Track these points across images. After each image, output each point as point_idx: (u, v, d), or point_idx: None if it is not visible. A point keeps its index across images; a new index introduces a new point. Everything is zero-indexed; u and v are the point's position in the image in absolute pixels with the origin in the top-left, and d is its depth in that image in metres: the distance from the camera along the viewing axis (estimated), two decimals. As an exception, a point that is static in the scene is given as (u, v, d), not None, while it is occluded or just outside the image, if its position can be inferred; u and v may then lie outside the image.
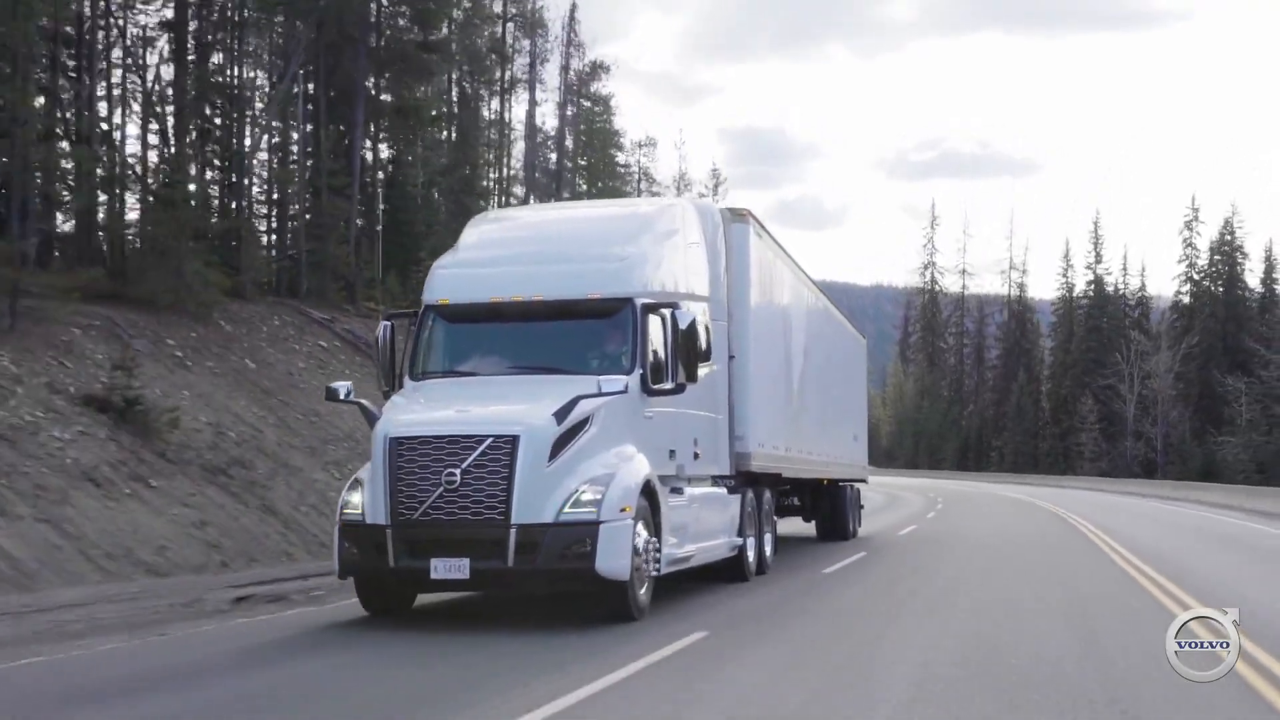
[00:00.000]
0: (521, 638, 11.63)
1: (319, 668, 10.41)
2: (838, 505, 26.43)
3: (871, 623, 12.95)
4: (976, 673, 9.71)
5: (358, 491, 12.45)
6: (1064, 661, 10.15)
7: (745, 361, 16.76)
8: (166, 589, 16.13)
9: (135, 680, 9.80)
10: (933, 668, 9.87)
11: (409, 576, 12.26)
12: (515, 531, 11.77)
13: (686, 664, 10.18)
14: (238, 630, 12.71)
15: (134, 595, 15.41)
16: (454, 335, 13.98)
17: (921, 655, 10.49)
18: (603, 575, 11.97)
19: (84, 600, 14.73)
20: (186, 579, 17.48)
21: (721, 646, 11.06)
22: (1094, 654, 10.58)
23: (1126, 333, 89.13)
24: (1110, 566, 19.13)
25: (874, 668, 10.07)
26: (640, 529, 12.52)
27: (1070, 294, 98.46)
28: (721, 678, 9.55)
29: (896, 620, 13.06)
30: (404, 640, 11.63)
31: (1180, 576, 16.84)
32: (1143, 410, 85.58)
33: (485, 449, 11.89)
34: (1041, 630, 12.09)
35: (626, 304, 13.39)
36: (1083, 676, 9.40)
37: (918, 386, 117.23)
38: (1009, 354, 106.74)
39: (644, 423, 13.26)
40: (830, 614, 13.78)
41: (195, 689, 9.41)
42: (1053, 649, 10.85)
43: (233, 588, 16.34)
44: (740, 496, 16.58)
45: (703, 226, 15.90)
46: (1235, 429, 75.88)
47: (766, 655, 10.61)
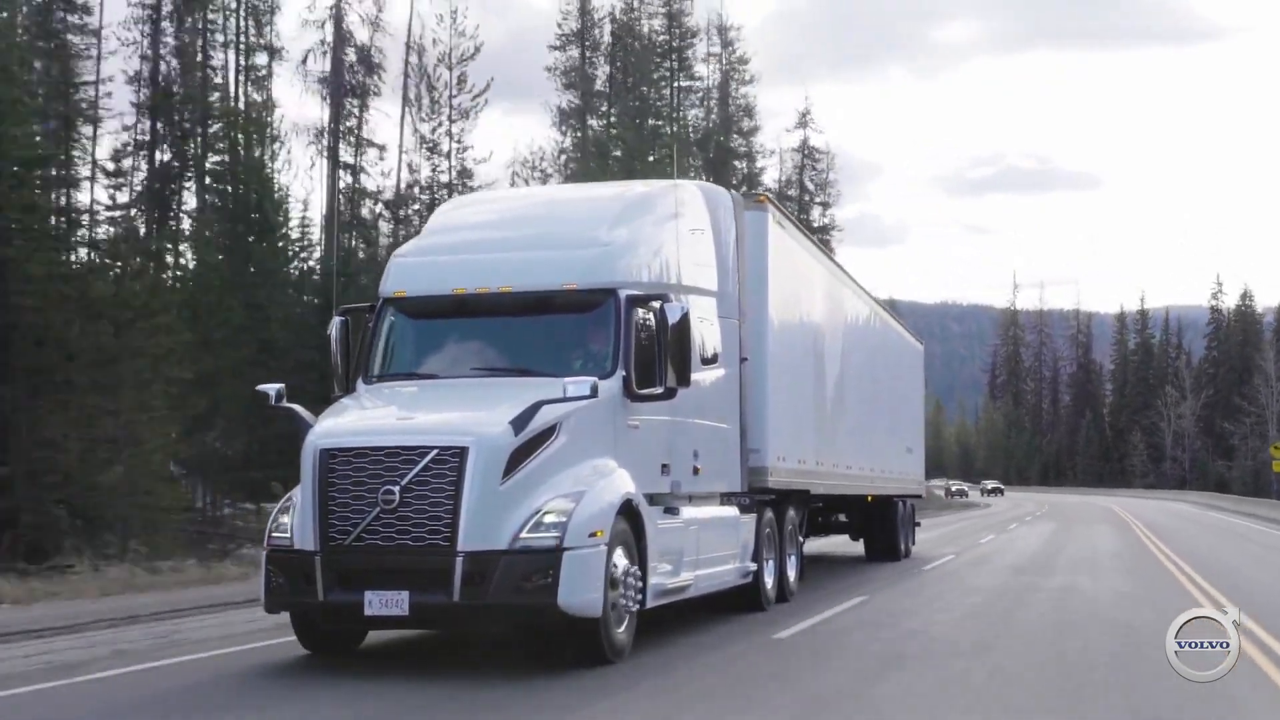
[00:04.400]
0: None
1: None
2: (888, 523, 24.49)
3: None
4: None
5: (289, 512, 10.75)
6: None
7: (761, 365, 14.90)
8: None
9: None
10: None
11: (339, 613, 10.48)
12: (462, 560, 9.97)
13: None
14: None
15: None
16: (412, 332, 12.26)
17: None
18: (567, 611, 10.12)
19: None
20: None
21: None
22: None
23: (1164, 386, 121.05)
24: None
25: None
26: (619, 556, 10.70)
27: (1125, 352, 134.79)
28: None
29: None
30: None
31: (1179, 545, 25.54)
32: (1176, 441, 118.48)
33: (429, 463, 10.12)
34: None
35: (609, 296, 11.57)
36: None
37: (1006, 420, 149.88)
38: (1077, 398, 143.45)
39: (627, 433, 11.45)
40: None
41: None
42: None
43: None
44: (756, 516, 14.70)
45: (710, 212, 14.05)
46: (1237, 456, 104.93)
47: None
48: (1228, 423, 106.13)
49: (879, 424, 23.32)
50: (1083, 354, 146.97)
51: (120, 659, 11.54)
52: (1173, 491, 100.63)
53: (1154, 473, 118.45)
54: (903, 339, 27.68)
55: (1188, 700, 8.73)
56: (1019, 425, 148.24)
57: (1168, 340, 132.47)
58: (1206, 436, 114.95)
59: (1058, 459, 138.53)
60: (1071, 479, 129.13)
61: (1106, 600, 16.78)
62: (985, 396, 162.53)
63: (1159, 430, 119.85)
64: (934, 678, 10.38)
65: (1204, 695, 8.56)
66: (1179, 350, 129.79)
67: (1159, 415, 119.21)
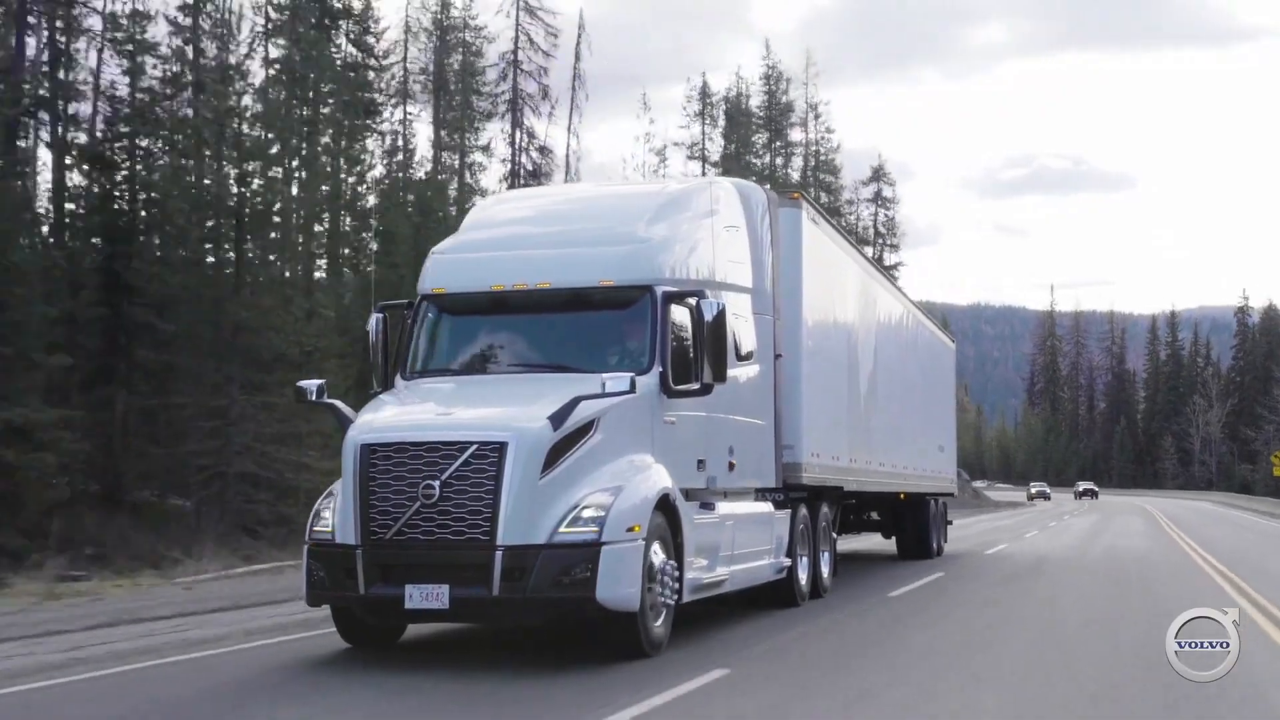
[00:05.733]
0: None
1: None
2: (920, 521, 24.46)
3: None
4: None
5: (330, 507, 10.85)
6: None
7: (796, 361, 14.94)
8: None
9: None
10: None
11: (381, 606, 10.57)
12: (501, 554, 10.06)
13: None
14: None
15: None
16: (451, 329, 12.33)
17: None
18: (605, 605, 10.21)
19: None
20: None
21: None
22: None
23: (1193, 396, 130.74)
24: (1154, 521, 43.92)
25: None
26: (655, 550, 10.76)
27: (1157, 362, 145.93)
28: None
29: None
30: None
31: (1187, 529, 36.63)
32: (1204, 446, 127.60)
33: (468, 457, 10.20)
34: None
35: (645, 293, 11.62)
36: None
37: (1044, 425, 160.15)
38: (1112, 405, 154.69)
39: (664, 428, 11.51)
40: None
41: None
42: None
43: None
44: (790, 512, 14.75)
45: (745, 209, 14.09)
46: (1260, 460, 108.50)
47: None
48: (1250, 429, 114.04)
49: (912, 421, 23.29)
50: (1117, 363, 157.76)
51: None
52: (1199, 492, 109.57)
53: (1184, 475, 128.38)
54: (935, 337, 27.64)
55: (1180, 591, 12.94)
56: (1057, 430, 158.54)
57: (1196, 351, 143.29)
58: (1232, 442, 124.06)
59: (1094, 462, 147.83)
60: (1107, 481, 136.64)
61: (1135, 551, 27.74)
62: (1024, 403, 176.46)
63: (1188, 436, 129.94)
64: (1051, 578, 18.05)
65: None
66: (1207, 361, 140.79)
67: (1188, 422, 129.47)
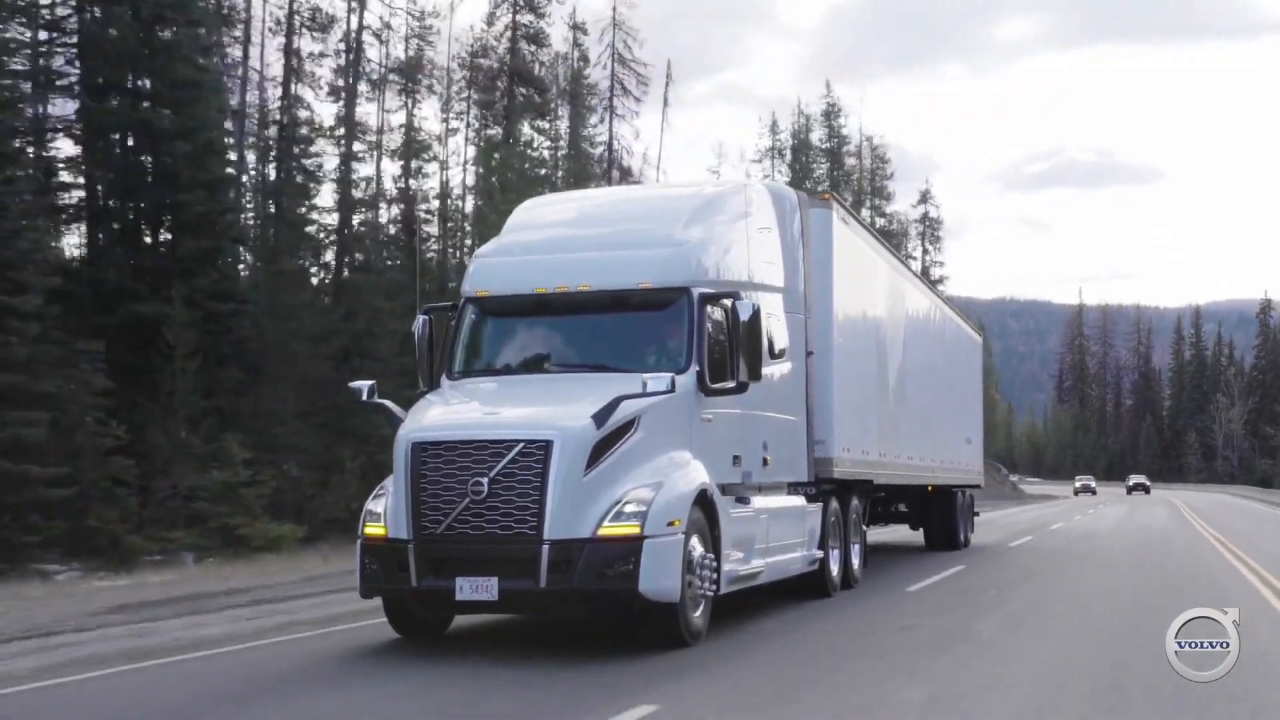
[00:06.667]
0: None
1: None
2: (947, 513, 24.80)
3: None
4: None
5: (381, 503, 11.29)
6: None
7: (827, 358, 15.31)
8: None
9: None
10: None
11: (433, 598, 11.01)
12: (548, 548, 10.47)
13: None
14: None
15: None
16: (494, 330, 12.76)
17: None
18: (648, 597, 10.62)
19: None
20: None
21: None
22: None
23: (1216, 394, 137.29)
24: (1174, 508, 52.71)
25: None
26: (694, 544, 11.16)
27: (1181, 361, 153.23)
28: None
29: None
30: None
31: (1202, 514, 45.16)
32: (1226, 442, 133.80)
33: (515, 455, 10.62)
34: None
35: (682, 294, 11.98)
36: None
37: (1073, 421, 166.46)
38: (1139, 403, 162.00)
39: (702, 426, 11.90)
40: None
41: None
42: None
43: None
44: (822, 505, 15.13)
45: (777, 210, 14.47)
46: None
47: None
48: (1270, 426, 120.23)
49: (939, 415, 23.61)
50: (1143, 363, 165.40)
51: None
52: (1220, 485, 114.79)
53: (1207, 470, 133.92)
54: (962, 331, 27.92)
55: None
56: (1085, 426, 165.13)
57: (1220, 350, 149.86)
58: (1253, 438, 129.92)
59: (1121, 457, 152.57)
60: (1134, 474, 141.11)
61: (1159, 526, 37.74)
62: (1053, 399, 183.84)
63: (1211, 432, 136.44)
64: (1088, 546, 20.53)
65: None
66: (1230, 360, 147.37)
67: (1211, 419, 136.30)
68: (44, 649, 11.86)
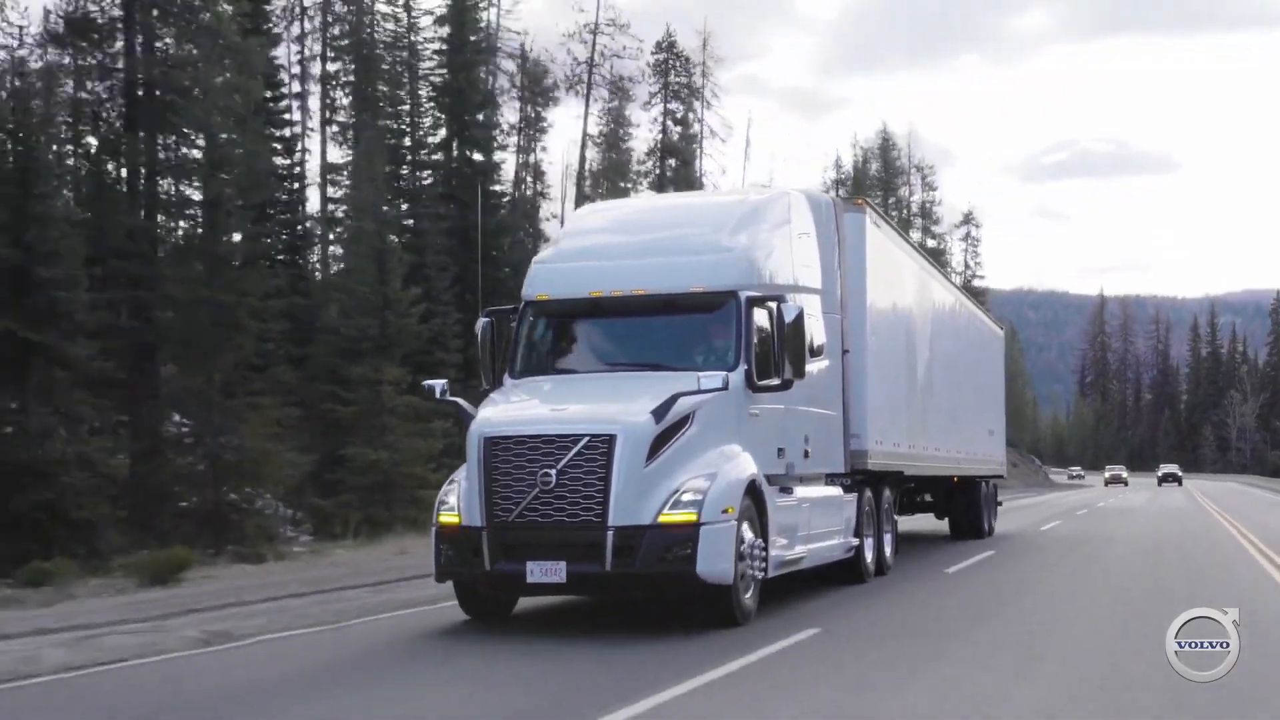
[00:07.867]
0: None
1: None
2: (971, 503, 25.61)
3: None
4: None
5: (454, 493, 12.18)
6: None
7: (861, 356, 16.12)
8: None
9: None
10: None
11: (505, 581, 11.90)
12: (613, 534, 11.35)
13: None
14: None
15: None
16: (553, 332, 13.65)
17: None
18: (704, 579, 11.49)
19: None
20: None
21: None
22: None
23: (1230, 390, 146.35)
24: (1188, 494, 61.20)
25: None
26: (745, 530, 12.02)
27: (1198, 358, 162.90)
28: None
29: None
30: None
31: (1213, 497, 56.08)
32: (1240, 434, 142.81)
33: (581, 448, 11.49)
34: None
35: (731, 297, 12.84)
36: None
37: (1095, 415, 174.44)
38: (1157, 397, 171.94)
39: (749, 420, 12.75)
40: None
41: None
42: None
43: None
44: (857, 495, 15.97)
45: (814, 216, 15.30)
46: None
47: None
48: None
49: (964, 408, 24.41)
50: (1162, 360, 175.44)
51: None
52: (1234, 475, 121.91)
53: (1221, 460, 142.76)
54: (985, 325, 28.72)
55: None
56: (1106, 419, 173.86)
57: (1234, 348, 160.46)
58: (1265, 431, 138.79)
59: (1140, 448, 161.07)
60: (1153, 465, 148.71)
61: (1174, 506, 45.71)
62: (1075, 393, 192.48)
63: (1226, 425, 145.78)
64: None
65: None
66: (1244, 358, 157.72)
67: (1226, 413, 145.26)
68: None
